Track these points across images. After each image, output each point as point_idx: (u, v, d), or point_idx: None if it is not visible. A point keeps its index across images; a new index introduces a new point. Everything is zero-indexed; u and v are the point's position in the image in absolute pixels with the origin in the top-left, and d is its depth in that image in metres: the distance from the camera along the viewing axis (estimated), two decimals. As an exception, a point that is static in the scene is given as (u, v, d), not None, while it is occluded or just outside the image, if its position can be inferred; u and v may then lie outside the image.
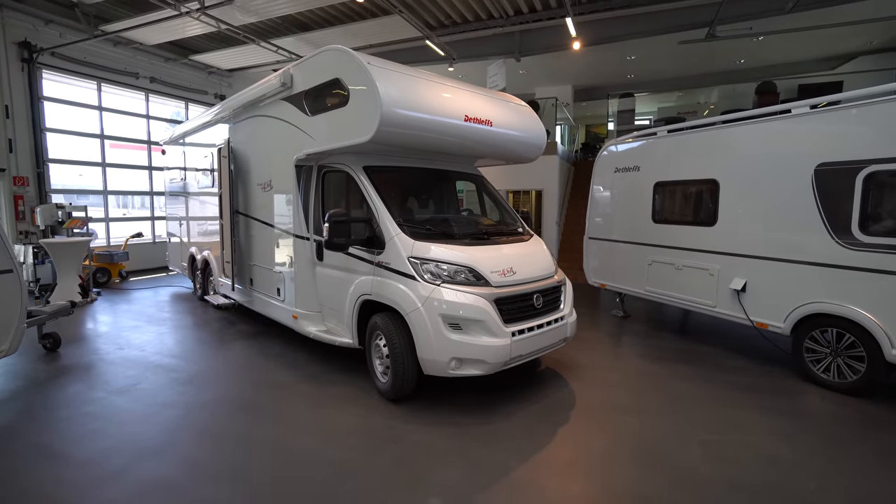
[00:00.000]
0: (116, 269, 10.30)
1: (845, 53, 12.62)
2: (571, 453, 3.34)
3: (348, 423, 3.74)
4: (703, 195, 5.64)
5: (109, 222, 11.14)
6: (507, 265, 4.10)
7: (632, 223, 6.62)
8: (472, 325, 3.74)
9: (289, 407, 4.08)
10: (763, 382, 4.66)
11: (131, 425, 3.72)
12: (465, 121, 4.40)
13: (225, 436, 3.55)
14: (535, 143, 5.30)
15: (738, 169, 5.19)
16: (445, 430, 3.63)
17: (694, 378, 4.77)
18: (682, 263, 5.83)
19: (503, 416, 3.87)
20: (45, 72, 9.67)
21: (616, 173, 6.89)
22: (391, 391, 4.03)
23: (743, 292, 5.09)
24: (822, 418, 3.89)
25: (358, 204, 4.47)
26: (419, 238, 4.06)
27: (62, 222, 9.06)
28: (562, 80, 14.63)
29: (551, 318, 4.26)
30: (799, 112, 4.61)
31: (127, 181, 11.87)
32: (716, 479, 3.01)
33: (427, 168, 4.99)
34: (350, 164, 4.52)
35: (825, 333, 4.46)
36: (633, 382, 4.68)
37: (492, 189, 5.52)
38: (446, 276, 3.87)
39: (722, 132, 5.42)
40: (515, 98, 5.42)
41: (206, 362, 5.20)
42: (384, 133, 3.86)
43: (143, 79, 11.40)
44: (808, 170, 4.48)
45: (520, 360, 4.00)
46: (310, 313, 5.07)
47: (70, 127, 10.30)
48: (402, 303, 3.87)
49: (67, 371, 4.89)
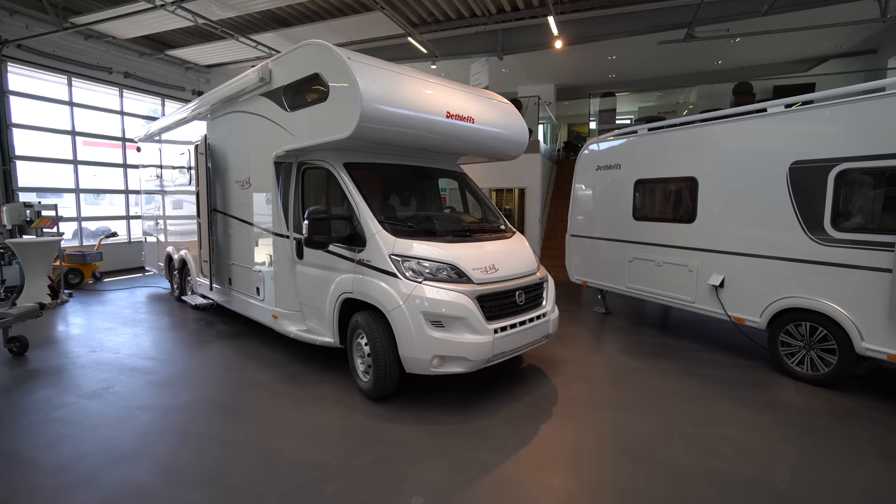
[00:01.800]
0: (90, 269, 9.99)
1: (817, 56, 13.02)
2: (554, 449, 3.35)
3: (329, 424, 3.69)
4: (683, 192, 5.73)
5: (82, 221, 10.80)
6: (489, 262, 4.10)
7: (613, 220, 6.69)
8: (454, 322, 3.71)
9: (269, 408, 4.00)
10: (741, 376, 4.76)
11: (104, 429, 3.60)
12: (447, 117, 4.37)
13: (202, 438, 3.47)
14: (517, 140, 5.31)
15: (716, 167, 5.28)
16: (428, 428, 3.60)
17: (674, 373, 4.84)
18: (662, 260, 5.91)
19: (486, 413, 3.86)
20: (11, 65, 9.30)
21: (598, 171, 6.95)
22: (373, 390, 3.99)
23: (721, 288, 5.19)
24: (796, 410, 3.99)
25: (339, 201, 4.41)
26: (401, 235, 4.03)
27: (31, 221, 8.75)
28: (544, 78, 14.74)
29: (533, 314, 4.27)
30: (774, 111, 4.71)
31: (103, 179, 11.51)
32: (697, 471, 3.05)
33: (409, 165, 4.95)
34: (330, 161, 4.45)
35: (799, 327, 4.58)
36: (615, 378, 4.73)
37: (474, 186, 5.51)
38: (428, 274, 3.84)
39: (700, 131, 5.51)
40: (497, 95, 5.41)
41: (183, 364, 5.07)
42: (364, 129, 3.81)
43: (117, 74, 11.08)
44: (783, 167, 4.58)
45: (503, 357, 4.00)
46: (290, 312, 4.99)
47: (39, 123, 9.93)
48: (383, 301, 3.83)
49: (36, 375, 4.71)
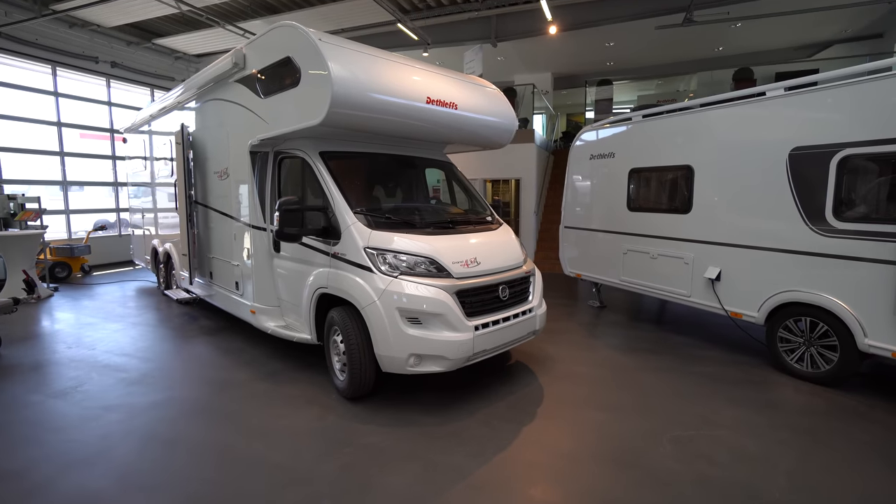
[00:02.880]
0: (78, 263, 9.84)
1: (820, 41, 12.66)
2: (535, 454, 3.16)
3: (301, 425, 3.51)
4: (678, 182, 5.50)
5: (70, 214, 10.63)
6: (470, 255, 3.89)
7: (607, 211, 6.47)
8: (431, 319, 3.52)
9: (241, 407, 3.83)
10: (736, 373, 4.56)
11: (65, 431, 3.44)
12: (427, 103, 4.15)
13: (166, 441, 3.30)
14: (504, 127, 5.07)
15: (713, 154, 5.04)
16: (404, 430, 3.42)
17: (667, 370, 4.65)
18: (657, 252, 5.70)
19: (466, 413, 3.68)
20: (-7, 54, 9.10)
21: (591, 160, 6.72)
22: (348, 390, 3.81)
23: (717, 281, 4.97)
24: (794, 410, 3.79)
25: (316, 192, 4.21)
26: (377, 228, 3.82)
27: (14, 214, 8.57)
28: (541, 67, 14.43)
29: (518, 310, 4.07)
30: (773, 94, 4.47)
31: (93, 171, 11.33)
32: (686, 478, 2.86)
33: (390, 154, 4.72)
34: (306, 150, 4.24)
35: (799, 323, 4.37)
36: (605, 376, 4.53)
37: (461, 177, 5.29)
38: (405, 268, 3.64)
39: (696, 116, 5.27)
40: (483, 80, 5.17)
41: (159, 360, 4.90)
42: (337, 115, 3.59)
43: (104, 63, 10.84)
44: (783, 154, 4.35)
45: (484, 356, 3.81)
46: (268, 308, 4.80)
47: (23, 114, 9.72)
48: (357, 296, 3.64)
49: (5, 373, 4.55)
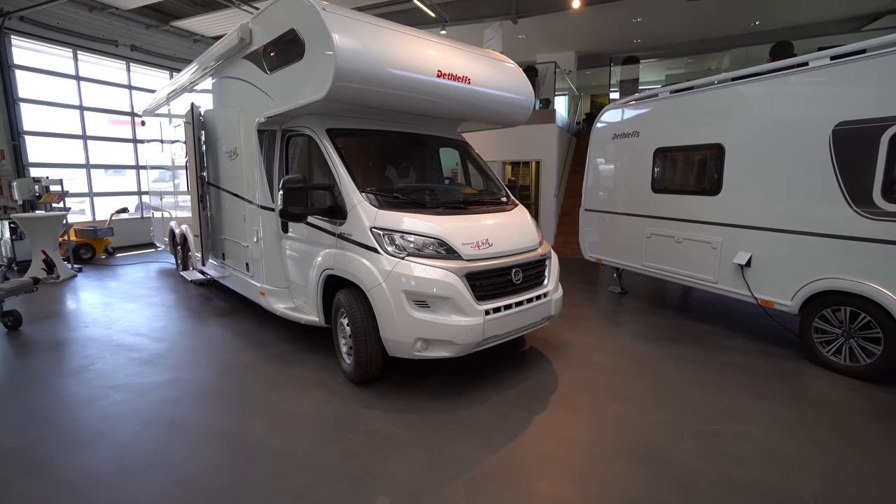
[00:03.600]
0: (101, 244, 10.04)
1: (869, 13, 11.75)
2: (547, 445, 2.99)
3: (305, 409, 3.42)
4: (707, 162, 5.15)
5: (94, 197, 10.83)
6: (482, 236, 3.70)
7: (630, 193, 6.15)
8: (439, 302, 3.36)
9: (247, 389, 3.77)
10: (766, 365, 4.27)
11: (71, 411, 3.43)
12: (439, 77, 3.93)
13: (167, 422, 3.25)
14: (521, 103, 4.81)
15: (746, 131, 4.68)
16: (410, 417, 3.30)
17: (690, 359, 4.39)
18: (682, 236, 5.38)
19: (476, 401, 3.53)
20: (14, 38, 9.19)
21: (614, 140, 6.38)
22: (355, 374, 3.70)
23: (747, 267, 4.65)
24: (831, 407, 3.50)
25: (323, 171, 4.06)
26: (385, 207, 3.66)
27: (39, 197, 8.75)
28: (564, 45, 13.88)
29: (532, 294, 3.87)
30: (817, 64, 4.08)
31: (118, 155, 11.49)
32: (709, 477, 2.65)
33: (400, 132, 4.53)
34: (313, 128, 4.08)
35: (837, 312, 4.04)
36: (624, 365, 4.31)
37: (476, 156, 5.07)
38: (412, 249, 3.48)
39: (728, 91, 4.89)
40: (499, 54, 4.90)
41: (170, 341, 4.90)
42: (341, 89, 3.42)
43: (123, 47, 10.89)
44: (826, 130, 3.97)
45: (495, 341, 3.64)
46: (277, 289, 4.73)
47: (47, 98, 9.86)
48: (363, 278, 3.50)
49: (24, 350, 4.62)
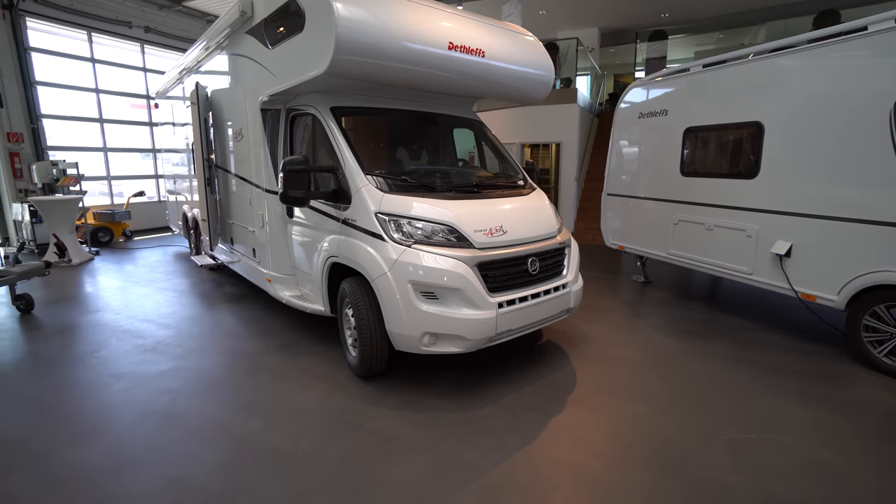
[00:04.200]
0: (119, 228, 10.10)
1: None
2: (563, 451, 2.75)
3: (307, 403, 3.26)
4: (743, 142, 4.73)
5: (112, 180, 10.88)
6: (496, 223, 3.43)
7: (656, 177, 5.76)
8: (448, 294, 3.12)
9: (250, 381, 3.63)
10: (806, 364, 3.92)
11: (71, 400, 3.34)
12: (450, 49, 3.62)
13: (164, 415, 3.12)
14: (540, 79, 4.46)
15: (789, 108, 4.24)
16: (416, 416, 3.10)
17: (721, 357, 4.07)
18: (713, 223, 4.99)
19: (488, 400, 3.30)
20: (30, 20, 9.15)
21: (640, 119, 5.96)
22: (360, 367, 3.51)
23: (787, 257, 4.27)
24: (882, 414, 3.16)
25: (329, 153, 3.82)
26: (392, 191, 3.41)
27: (58, 180, 8.79)
28: (587, 21, 13.22)
29: (550, 285, 3.60)
30: (880, 28, 3.62)
31: (135, 138, 11.49)
32: (743, 492, 2.38)
33: (409, 111, 4.25)
34: (317, 106, 3.84)
35: (892, 309, 3.65)
36: (648, 361, 4.02)
37: (492, 137, 4.76)
38: (420, 236, 3.23)
39: (769, 64, 4.43)
40: (517, 26, 4.54)
41: (177, 327, 4.81)
42: (343, 63, 3.15)
43: (137, 28, 10.79)
44: (885, 105, 3.54)
45: (509, 336, 3.39)
46: (283, 276, 4.56)
47: (64, 81, 9.85)
48: (367, 267, 3.27)
49: (33, 336, 4.58)
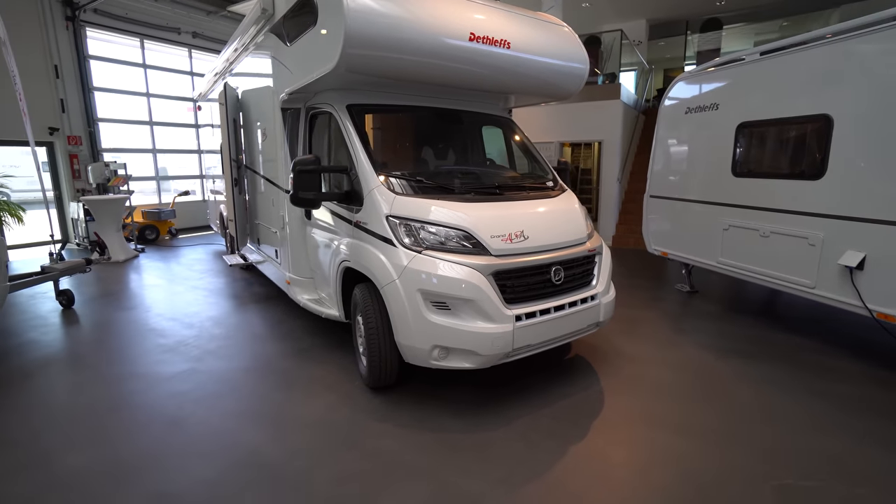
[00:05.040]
0: (165, 226, 10.53)
1: None
2: (579, 488, 2.44)
3: (312, 414, 3.11)
4: (807, 138, 4.18)
5: (160, 180, 11.38)
6: (517, 228, 3.15)
7: (705, 177, 5.25)
8: (460, 304, 2.88)
9: (259, 387, 3.53)
10: (883, 396, 3.38)
11: (82, 401, 3.35)
12: (471, 41, 3.37)
13: (167, 420, 3.05)
14: (573, 72, 4.11)
15: (865, 98, 3.68)
16: (422, 436, 2.87)
17: (774, 383, 3.59)
18: (769, 229, 4.46)
19: (502, 421, 3.03)
20: (90, 30, 9.70)
21: (687, 115, 5.46)
22: (369, 378, 3.33)
23: (859, 270, 3.72)
24: (978, 461, 2.64)
25: (346, 152, 3.67)
26: (404, 193, 3.21)
27: (109, 180, 9.26)
28: (634, 12, 12.52)
29: (577, 297, 3.28)
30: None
31: (183, 140, 11.98)
32: (795, 553, 2.00)
33: (432, 108, 4.03)
34: (333, 104, 3.70)
35: None
36: (688, 385, 3.60)
37: (522, 135, 4.47)
38: (433, 241, 3.01)
39: (843, 48, 3.88)
40: (547, 15, 4.21)
41: (200, 327, 4.82)
42: (354, 58, 2.98)
43: (186, 34, 11.22)
44: None
45: (528, 352, 3.10)
46: (302, 279, 4.47)
47: (116, 86, 10.40)
48: (377, 273, 3.09)
49: (67, 333, 4.74)
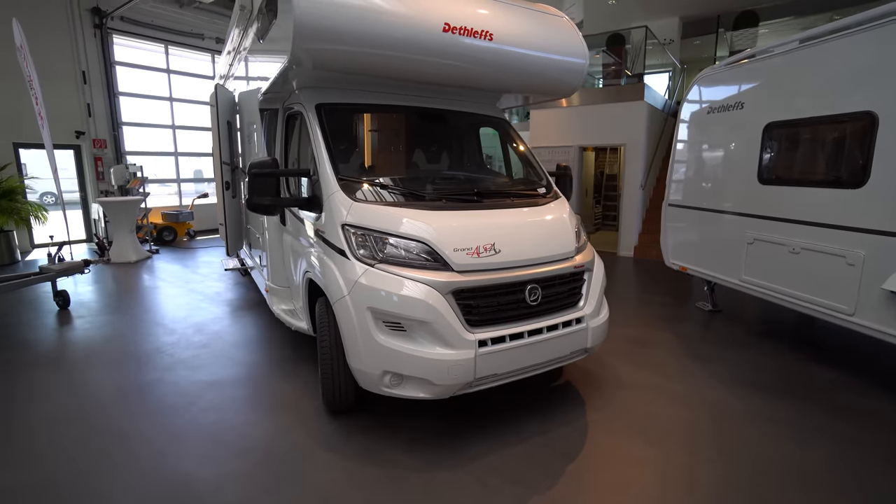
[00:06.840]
0: (183, 227, 10.69)
1: None
2: (537, 548, 2.06)
3: (261, 438, 2.85)
4: (847, 140, 3.61)
5: (181, 183, 11.61)
6: (487, 240, 2.78)
7: (727, 184, 4.71)
8: (415, 326, 2.55)
9: (214, 402, 3.32)
10: (928, 449, 2.81)
11: (42, 411, 3.24)
12: (445, 31, 3.04)
13: (115, 433, 2.89)
14: (569, 67, 3.69)
15: (916, 92, 3.12)
16: (367, 471, 2.55)
17: (801, 427, 3.05)
18: (800, 245, 3.90)
19: (461, 460, 2.66)
20: (116, 37, 10.00)
21: (709, 115, 4.93)
22: (324, 400, 3.05)
23: (904, 296, 3.14)
24: None
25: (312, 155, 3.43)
26: (362, 199, 2.91)
27: (129, 182, 9.48)
28: (666, 9, 11.80)
29: (558, 319, 2.88)
30: None
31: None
32: None
33: (412, 107, 3.71)
34: (304, 103, 3.46)
35: None
36: (695, 424, 3.11)
37: (515, 136, 4.10)
38: (391, 254, 2.70)
39: (888, 33, 3.32)
40: (539, 4, 3.82)
41: (181, 334, 4.69)
42: (310, 53, 2.72)
43: (209, 40, 11.44)
44: None
45: (496, 381, 2.73)
46: (278, 288, 4.25)
47: (140, 91, 10.69)
48: (330, 287, 2.80)
49: (48, 333, 4.71)
